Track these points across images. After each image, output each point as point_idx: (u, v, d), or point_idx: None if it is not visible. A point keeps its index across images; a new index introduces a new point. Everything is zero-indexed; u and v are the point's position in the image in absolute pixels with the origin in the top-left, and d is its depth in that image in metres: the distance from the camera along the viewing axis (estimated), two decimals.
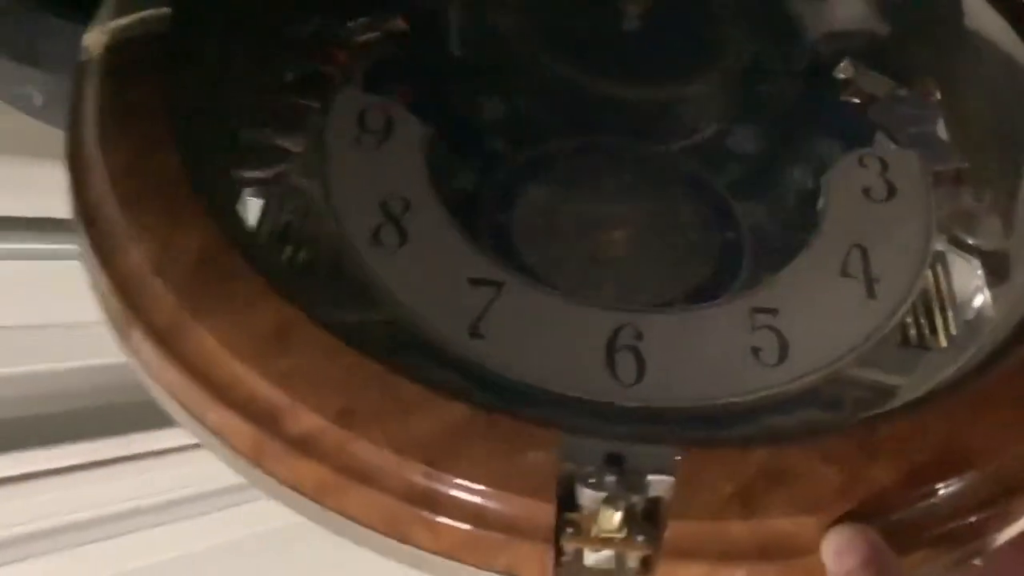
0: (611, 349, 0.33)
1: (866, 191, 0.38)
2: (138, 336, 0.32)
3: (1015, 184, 0.40)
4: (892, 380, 0.34)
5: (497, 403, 0.30)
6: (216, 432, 0.31)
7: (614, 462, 0.29)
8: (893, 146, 0.40)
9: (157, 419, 0.34)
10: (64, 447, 0.81)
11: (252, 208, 0.38)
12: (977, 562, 0.36)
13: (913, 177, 0.38)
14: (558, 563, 0.29)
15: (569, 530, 0.29)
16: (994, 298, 0.37)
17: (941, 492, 0.30)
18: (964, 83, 0.43)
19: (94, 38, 0.39)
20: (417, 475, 0.29)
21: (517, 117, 0.42)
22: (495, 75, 0.43)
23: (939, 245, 0.39)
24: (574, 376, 0.32)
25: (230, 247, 0.32)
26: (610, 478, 0.29)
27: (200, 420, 0.32)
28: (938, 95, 0.43)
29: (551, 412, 0.31)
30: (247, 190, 0.38)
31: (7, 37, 0.47)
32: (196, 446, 0.33)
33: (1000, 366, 0.32)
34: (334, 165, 0.37)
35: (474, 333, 0.33)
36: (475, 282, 0.34)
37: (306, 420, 0.30)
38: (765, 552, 0.29)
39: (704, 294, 0.37)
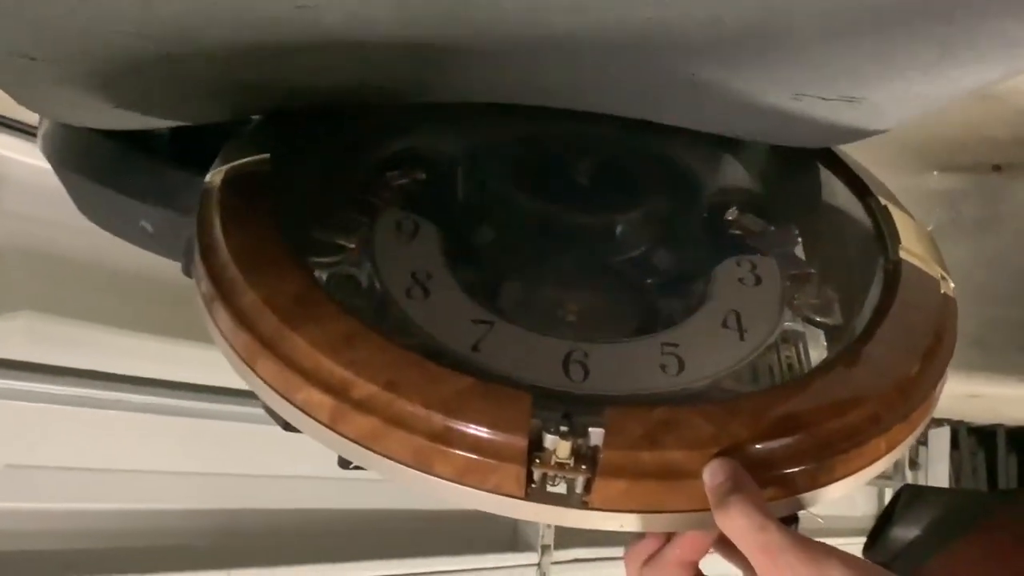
0: (567, 361, 0.49)
1: (741, 279, 0.56)
2: (249, 345, 0.48)
3: (849, 283, 0.58)
4: (749, 389, 0.51)
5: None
6: (302, 406, 0.47)
7: (567, 416, 0.45)
8: (760, 256, 0.58)
9: None
10: None
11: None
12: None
13: (772, 274, 0.57)
14: (529, 485, 0.44)
15: (536, 460, 0.44)
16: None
17: (779, 444, 0.45)
18: (815, 221, 0.63)
19: (213, 176, 0.57)
20: (438, 421, 0.44)
21: (502, 227, 0.61)
22: (483, 204, 0.62)
23: (796, 325, 0.56)
24: (542, 375, 0.48)
25: (313, 288, 0.49)
26: (564, 427, 0.44)
27: (291, 399, 0.47)
28: (796, 229, 0.62)
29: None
30: (316, 270, 0.55)
31: (141, 185, 0.64)
32: None
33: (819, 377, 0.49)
34: (380, 251, 0.54)
35: (475, 349, 0.49)
36: (475, 321, 0.51)
37: (365, 389, 0.45)
38: (665, 474, 0.44)
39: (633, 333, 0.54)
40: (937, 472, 2.99)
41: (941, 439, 2.99)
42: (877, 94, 0.48)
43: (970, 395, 1.59)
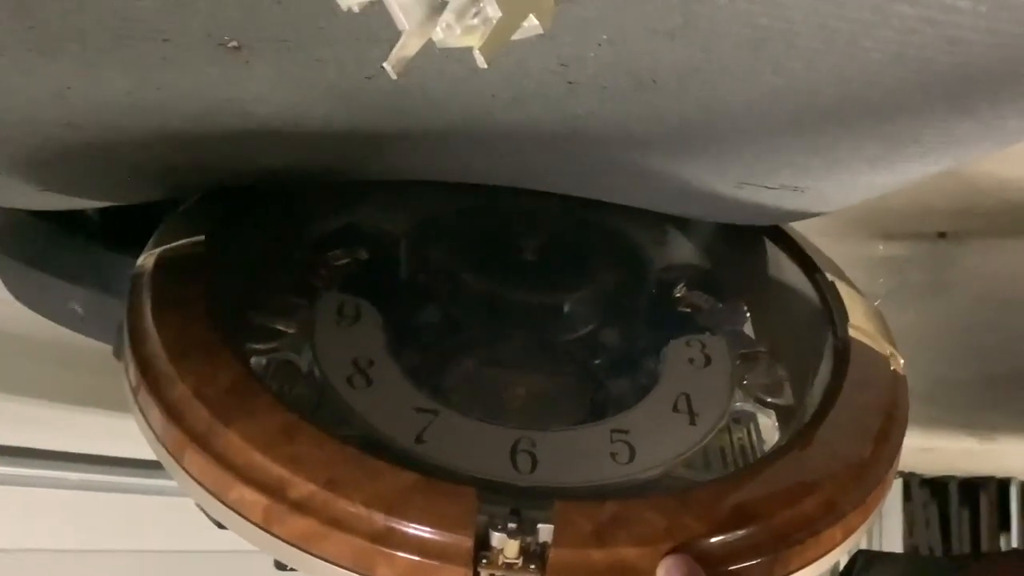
0: (514, 451, 0.48)
1: (690, 360, 0.55)
2: (179, 439, 0.46)
3: (799, 362, 0.57)
4: (702, 476, 0.50)
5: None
6: (234, 506, 0.44)
7: (514, 512, 0.43)
8: (709, 335, 0.57)
9: None
10: None
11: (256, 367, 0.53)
12: None
13: (722, 354, 0.56)
14: None
15: (483, 560, 0.42)
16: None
17: (733, 537, 0.44)
18: (764, 298, 0.62)
19: (145, 260, 0.55)
20: (379, 521, 0.42)
21: (446, 308, 0.59)
22: (427, 284, 0.60)
23: (747, 406, 0.55)
24: (489, 466, 0.47)
25: (249, 379, 0.47)
26: (511, 524, 0.42)
27: (222, 499, 0.45)
28: (744, 307, 0.61)
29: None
30: (253, 357, 0.53)
31: (70, 267, 0.62)
32: None
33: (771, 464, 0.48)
34: (320, 337, 0.52)
35: (419, 440, 0.47)
36: (419, 410, 0.49)
37: (304, 488, 0.43)
38: (617, 572, 0.42)
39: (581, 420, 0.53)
40: (891, 524, 3.00)
41: (894, 491, 3.00)
42: (821, 184, 0.47)
43: (922, 449, 1.59)
